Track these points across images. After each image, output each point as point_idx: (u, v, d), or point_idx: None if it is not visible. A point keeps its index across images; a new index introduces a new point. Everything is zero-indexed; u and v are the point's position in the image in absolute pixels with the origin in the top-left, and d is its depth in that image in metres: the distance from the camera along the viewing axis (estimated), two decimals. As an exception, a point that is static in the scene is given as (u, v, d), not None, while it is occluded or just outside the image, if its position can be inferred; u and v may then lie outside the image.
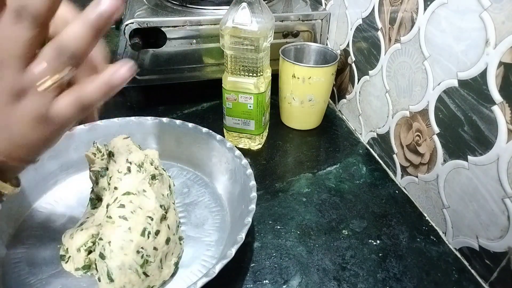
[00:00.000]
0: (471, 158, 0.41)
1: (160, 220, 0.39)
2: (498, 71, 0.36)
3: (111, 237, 0.36)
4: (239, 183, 0.48)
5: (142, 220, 0.37)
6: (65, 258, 0.40)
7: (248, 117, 0.57)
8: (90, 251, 0.39)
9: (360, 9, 0.59)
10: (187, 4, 0.66)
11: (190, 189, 0.52)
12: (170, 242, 0.39)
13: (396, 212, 0.50)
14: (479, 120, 0.39)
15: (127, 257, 0.36)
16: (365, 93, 0.61)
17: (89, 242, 0.39)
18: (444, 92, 0.44)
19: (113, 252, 0.36)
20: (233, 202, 0.48)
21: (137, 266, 0.36)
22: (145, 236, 0.37)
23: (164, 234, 0.39)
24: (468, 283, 0.42)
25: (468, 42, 0.40)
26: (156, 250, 0.37)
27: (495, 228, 0.39)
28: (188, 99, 0.71)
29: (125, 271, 0.36)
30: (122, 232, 0.36)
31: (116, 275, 0.36)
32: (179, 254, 0.42)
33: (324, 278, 0.42)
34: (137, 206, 0.38)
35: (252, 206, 0.42)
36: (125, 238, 0.36)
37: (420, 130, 0.49)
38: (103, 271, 0.36)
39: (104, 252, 0.36)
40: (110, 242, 0.36)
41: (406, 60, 0.50)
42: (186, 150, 0.54)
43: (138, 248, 0.36)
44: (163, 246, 0.38)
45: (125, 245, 0.36)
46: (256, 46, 0.51)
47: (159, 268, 0.38)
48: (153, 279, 0.38)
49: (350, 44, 0.64)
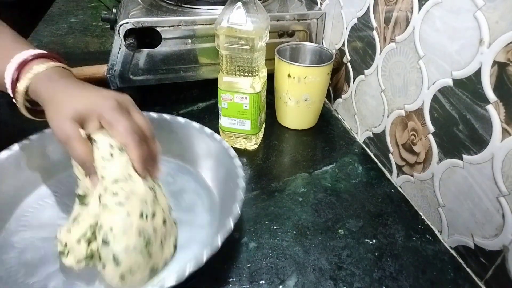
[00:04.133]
0: (466, 157, 0.41)
1: (153, 202, 0.40)
2: (492, 70, 0.37)
3: (112, 223, 0.36)
4: (223, 165, 0.48)
5: (137, 204, 0.38)
6: (65, 253, 0.40)
7: (244, 117, 0.57)
8: (90, 241, 0.39)
9: (355, 8, 0.59)
10: (182, 4, 0.66)
11: (174, 178, 0.52)
12: (166, 223, 0.40)
13: (392, 211, 0.50)
14: (473, 119, 0.40)
15: (131, 239, 0.36)
16: (361, 92, 0.61)
17: (88, 232, 0.39)
18: (439, 91, 0.44)
19: (117, 237, 0.36)
20: (220, 184, 0.49)
21: (142, 247, 0.37)
22: (144, 219, 0.38)
23: (160, 215, 0.40)
24: (464, 282, 0.42)
25: (463, 41, 0.40)
26: (155, 231, 0.38)
27: (490, 227, 0.39)
28: (184, 99, 0.71)
29: (131, 253, 0.36)
30: (121, 217, 0.37)
31: (122, 257, 0.36)
32: (176, 236, 0.43)
33: (320, 278, 0.42)
34: (129, 192, 0.38)
35: (242, 185, 0.43)
36: (126, 222, 0.37)
37: (416, 129, 0.49)
38: (109, 256, 0.36)
39: (107, 238, 0.36)
40: (112, 228, 0.36)
41: (401, 60, 0.50)
42: (166, 141, 0.53)
43: (139, 230, 0.37)
44: (161, 227, 0.39)
45: (127, 229, 0.36)
46: (251, 46, 0.51)
47: (160, 249, 0.39)
48: (156, 260, 0.39)
49: (345, 43, 0.64)
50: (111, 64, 0.62)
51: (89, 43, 0.91)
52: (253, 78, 0.54)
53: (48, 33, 0.95)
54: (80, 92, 0.41)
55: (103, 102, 0.39)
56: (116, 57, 0.62)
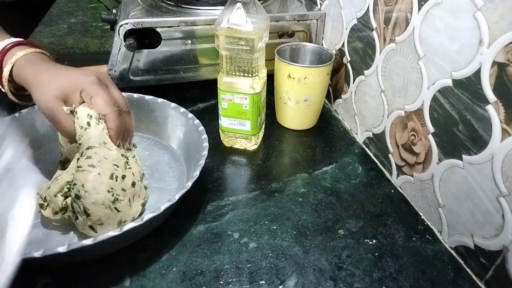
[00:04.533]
0: (466, 157, 0.41)
1: (124, 167, 0.44)
2: (492, 70, 0.37)
3: (84, 181, 0.41)
4: (193, 139, 0.54)
5: (109, 166, 0.43)
6: (44, 206, 0.45)
7: (244, 118, 0.57)
8: (66, 196, 0.44)
9: (355, 9, 0.59)
10: (182, 4, 0.66)
11: (150, 152, 0.58)
12: (136, 186, 0.45)
13: (392, 212, 0.50)
14: (473, 120, 0.40)
15: (100, 195, 0.41)
16: (361, 93, 0.61)
17: (64, 188, 0.44)
18: (439, 92, 0.44)
19: (87, 192, 0.41)
20: (189, 156, 0.54)
21: (109, 202, 0.42)
22: (113, 179, 0.42)
23: (130, 178, 0.44)
24: (464, 282, 0.42)
25: (462, 41, 0.40)
26: (124, 191, 0.43)
27: (490, 227, 0.39)
28: (184, 100, 0.71)
29: (99, 206, 0.41)
30: (93, 176, 0.41)
31: (92, 210, 0.41)
32: (145, 198, 0.48)
33: (320, 278, 0.42)
34: (102, 157, 0.43)
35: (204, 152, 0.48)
36: (96, 181, 0.41)
37: (415, 129, 0.49)
38: (80, 209, 0.41)
39: (79, 193, 0.41)
40: (84, 185, 0.41)
41: (401, 60, 0.50)
42: (146, 120, 0.60)
43: (108, 188, 0.42)
44: (130, 188, 0.44)
45: (97, 187, 0.41)
46: (251, 46, 0.51)
47: (128, 206, 0.44)
48: (124, 214, 0.43)
49: (345, 44, 0.64)
50: (111, 64, 0.62)
51: (89, 43, 0.91)
52: (253, 79, 0.54)
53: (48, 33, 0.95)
54: (62, 72, 0.45)
55: (84, 78, 0.44)
56: (116, 57, 0.62)
